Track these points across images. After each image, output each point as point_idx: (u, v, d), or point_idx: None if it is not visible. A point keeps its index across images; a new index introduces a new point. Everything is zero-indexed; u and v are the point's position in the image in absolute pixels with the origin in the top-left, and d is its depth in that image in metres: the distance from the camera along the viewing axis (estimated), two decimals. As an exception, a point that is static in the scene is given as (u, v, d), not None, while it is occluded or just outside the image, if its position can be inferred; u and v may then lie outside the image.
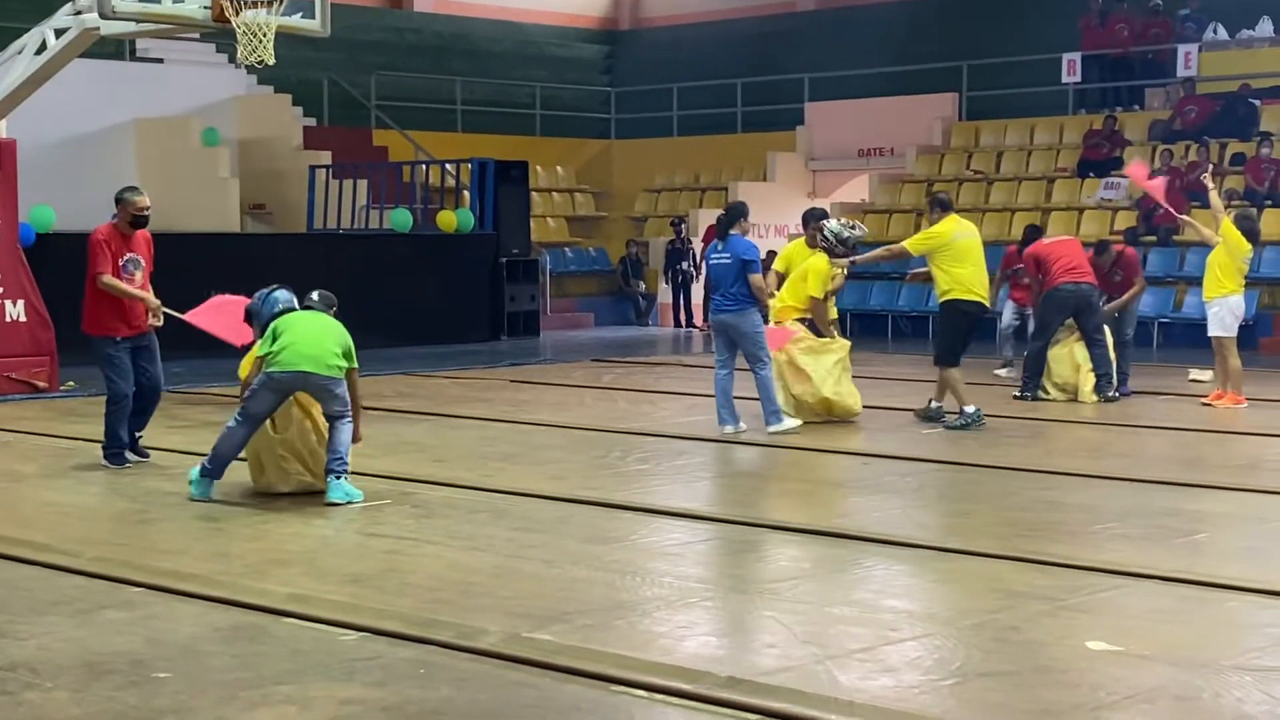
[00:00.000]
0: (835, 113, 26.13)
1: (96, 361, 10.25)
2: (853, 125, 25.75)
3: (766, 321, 12.13)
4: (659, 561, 7.64)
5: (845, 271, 12.78)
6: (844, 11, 28.89)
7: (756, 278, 11.63)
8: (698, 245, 23.78)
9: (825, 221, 12.50)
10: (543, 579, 7.20)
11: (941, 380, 12.49)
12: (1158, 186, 15.27)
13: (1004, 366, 15.75)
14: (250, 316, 9.48)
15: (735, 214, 11.86)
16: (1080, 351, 13.76)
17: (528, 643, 5.99)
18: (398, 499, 9.12)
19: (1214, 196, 13.96)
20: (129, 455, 10.29)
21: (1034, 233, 15.43)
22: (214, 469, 9.06)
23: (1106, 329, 13.83)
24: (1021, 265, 14.85)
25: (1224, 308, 13.35)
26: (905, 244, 12.78)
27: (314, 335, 9.02)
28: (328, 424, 9.06)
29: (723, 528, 8.47)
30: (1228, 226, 13.27)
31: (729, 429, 11.72)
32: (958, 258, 12.11)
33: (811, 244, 12.60)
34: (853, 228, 12.51)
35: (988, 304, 12.54)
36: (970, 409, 12.11)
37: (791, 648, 6.01)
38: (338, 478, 8.91)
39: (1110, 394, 13.59)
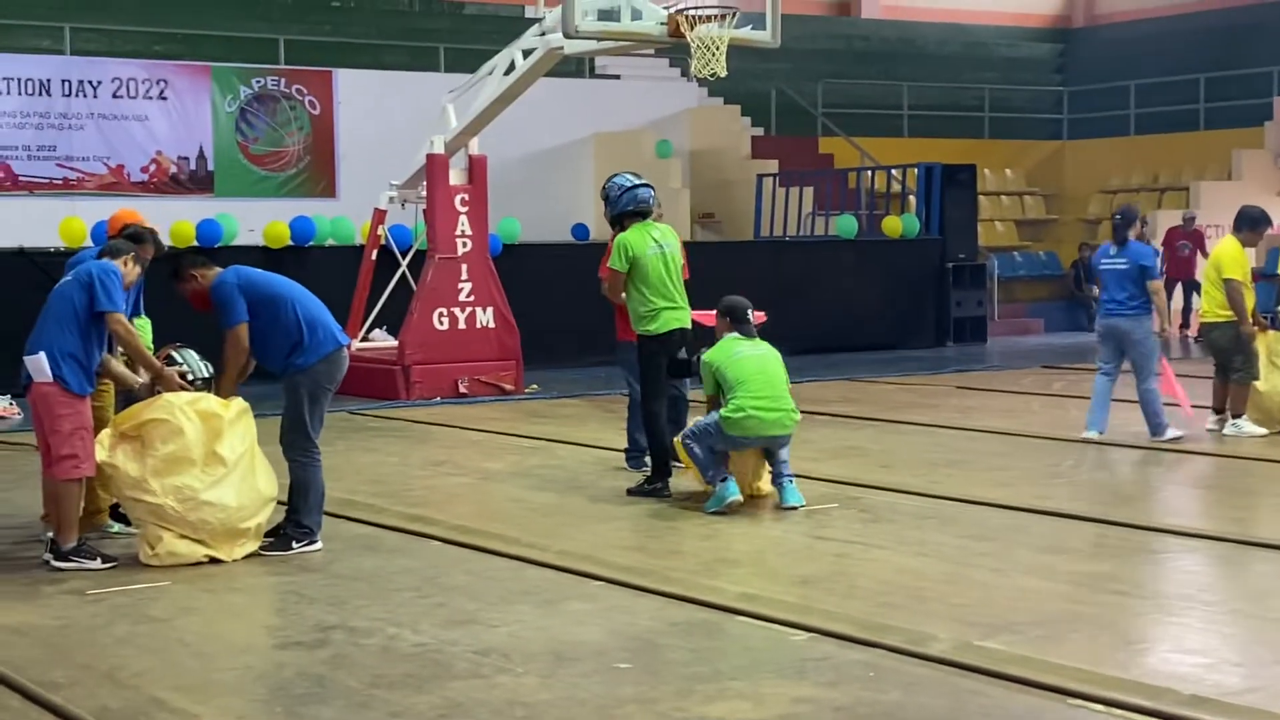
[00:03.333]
0: (1309, 106, 24.58)
1: (623, 366, 10.46)
2: (1328, 119, 24.16)
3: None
4: (1118, 573, 7.40)
5: None
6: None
7: (1155, 283, 11.38)
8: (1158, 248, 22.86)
9: None
10: (993, 587, 7.10)
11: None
12: None
13: None
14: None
15: (1130, 217, 11.62)
16: None
17: (979, 651, 5.92)
18: (845, 503, 9.17)
19: None
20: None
21: None
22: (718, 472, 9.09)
23: None
24: None
25: None
26: None
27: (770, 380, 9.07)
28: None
29: (1186, 540, 8.12)
30: None
31: (1093, 433, 11.48)
32: None
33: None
34: None
35: None
36: None
37: (1260, 667, 5.72)
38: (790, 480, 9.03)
39: None
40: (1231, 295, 11.53)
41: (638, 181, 9.74)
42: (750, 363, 9.02)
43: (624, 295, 9.61)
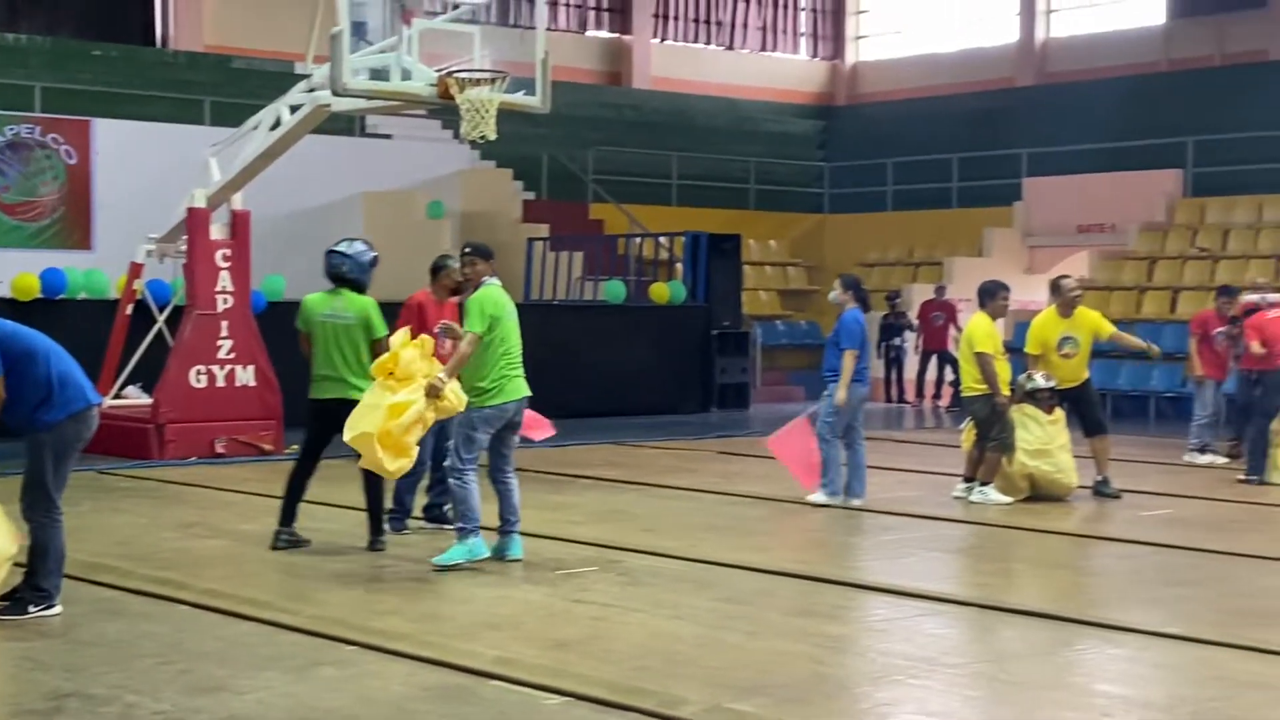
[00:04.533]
0: (1054, 188, 25.70)
1: None
2: (1072, 201, 25.28)
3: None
4: (864, 637, 7.57)
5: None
6: (1064, 87, 28.47)
7: (848, 352, 11.62)
8: (912, 320, 23.59)
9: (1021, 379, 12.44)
10: (746, 650, 7.18)
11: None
12: None
13: (1205, 450, 15.16)
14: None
15: (846, 284, 11.95)
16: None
17: (730, 713, 5.98)
18: (605, 566, 9.20)
19: None
20: (420, 524, 10.45)
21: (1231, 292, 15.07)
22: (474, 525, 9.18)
23: None
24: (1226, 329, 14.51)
25: None
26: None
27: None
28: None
29: (930, 605, 8.34)
30: None
31: (820, 496, 11.87)
32: None
33: (1066, 313, 12.55)
34: (1039, 380, 12.34)
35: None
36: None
37: (999, 730, 5.89)
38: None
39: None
40: (984, 368, 11.95)
41: (334, 247, 9.82)
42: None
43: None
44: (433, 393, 8.86)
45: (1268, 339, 13.46)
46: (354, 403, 9.26)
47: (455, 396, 8.97)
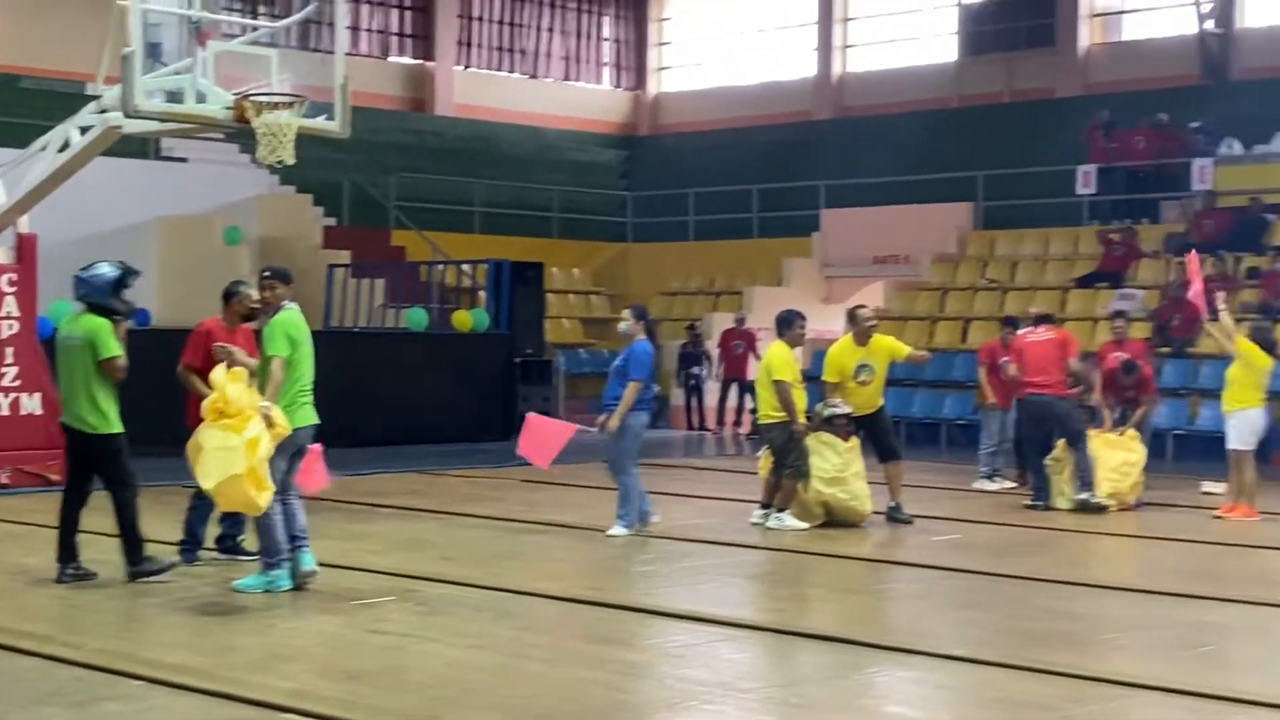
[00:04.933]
0: (851, 220, 26.29)
1: None
2: (868, 232, 25.88)
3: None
4: (662, 663, 7.61)
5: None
6: (860, 121, 29.18)
7: (632, 384, 11.56)
8: (713, 349, 23.87)
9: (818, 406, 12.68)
10: (544, 678, 7.17)
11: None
12: (1198, 288, 15.23)
13: (993, 476, 15.63)
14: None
15: (635, 314, 11.93)
16: (1099, 457, 13.74)
17: (526, 742, 5.96)
18: (403, 596, 9.10)
19: (1225, 316, 13.79)
20: (212, 555, 10.22)
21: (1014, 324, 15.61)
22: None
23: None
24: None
25: (1243, 421, 13.33)
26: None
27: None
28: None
29: (727, 630, 8.43)
30: (1243, 343, 13.29)
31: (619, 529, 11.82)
32: None
33: (862, 341, 12.82)
34: (836, 407, 12.59)
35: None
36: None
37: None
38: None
39: (1086, 499, 13.48)
40: (782, 396, 12.13)
41: (78, 271, 9.71)
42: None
43: None
44: (268, 422, 8.76)
45: (1024, 363, 13.90)
46: (90, 436, 9.22)
47: (282, 422, 8.89)
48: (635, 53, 33.00)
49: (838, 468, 12.41)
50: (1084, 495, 13.48)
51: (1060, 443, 13.70)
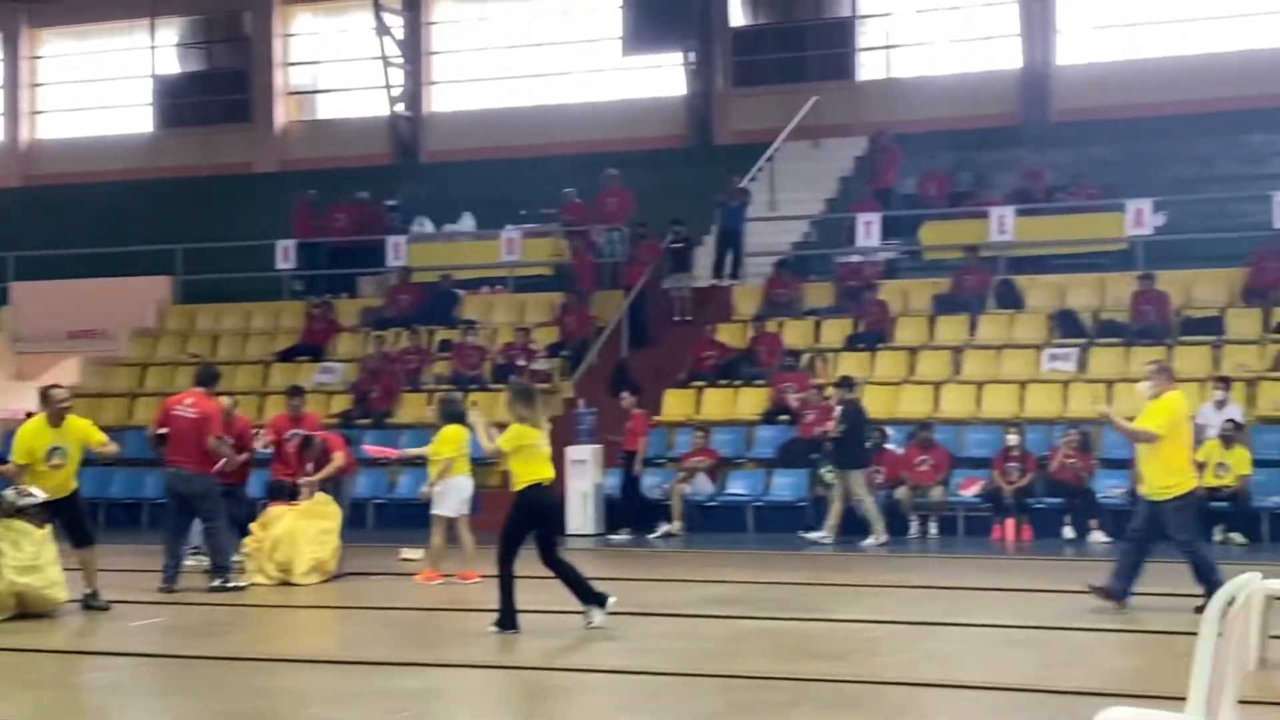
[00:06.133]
0: (44, 293, 25.05)
1: None
2: (63, 306, 24.74)
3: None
4: None
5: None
6: (51, 189, 27.99)
7: None
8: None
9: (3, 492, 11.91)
10: None
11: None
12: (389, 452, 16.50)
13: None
14: None
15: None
16: (296, 529, 13.82)
17: None
18: None
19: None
20: None
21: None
22: None
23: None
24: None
25: (449, 488, 13.86)
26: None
27: None
28: None
29: None
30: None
31: None
32: None
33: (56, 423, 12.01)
34: (28, 495, 11.90)
35: None
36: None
37: None
38: None
39: (218, 583, 13.17)
40: None
41: None
42: None
43: None
44: None
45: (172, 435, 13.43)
46: None
47: None
48: None
49: (31, 556, 11.69)
50: (216, 581, 13.23)
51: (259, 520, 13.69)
